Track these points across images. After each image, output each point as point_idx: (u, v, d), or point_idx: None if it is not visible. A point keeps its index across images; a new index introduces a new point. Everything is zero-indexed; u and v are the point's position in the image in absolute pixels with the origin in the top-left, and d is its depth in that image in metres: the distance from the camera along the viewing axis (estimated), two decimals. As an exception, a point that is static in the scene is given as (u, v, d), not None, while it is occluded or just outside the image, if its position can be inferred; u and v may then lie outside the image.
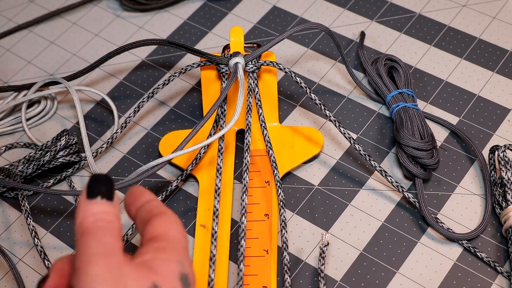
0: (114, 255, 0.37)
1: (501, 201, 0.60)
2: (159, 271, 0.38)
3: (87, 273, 0.36)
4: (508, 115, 0.66)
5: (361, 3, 0.76)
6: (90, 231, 0.37)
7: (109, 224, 0.38)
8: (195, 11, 0.77)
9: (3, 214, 0.64)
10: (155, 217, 0.41)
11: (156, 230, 0.40)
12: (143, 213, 0.41)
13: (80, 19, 0.78)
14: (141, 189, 0.42)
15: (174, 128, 0.68)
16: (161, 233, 0.40)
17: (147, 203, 0.42)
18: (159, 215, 0.41)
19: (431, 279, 0.57)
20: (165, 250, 0.39)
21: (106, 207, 0.38)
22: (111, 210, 0.39)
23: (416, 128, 0.62)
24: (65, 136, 0.64)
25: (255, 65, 0.65)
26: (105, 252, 0.37)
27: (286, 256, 0.57)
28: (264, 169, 0.63)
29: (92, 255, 0.36)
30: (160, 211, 0.41)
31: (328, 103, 0.68)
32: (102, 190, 0.39)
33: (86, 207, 0.38)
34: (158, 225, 0.40)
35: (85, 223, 0.38)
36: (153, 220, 0.41)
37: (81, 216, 0.38)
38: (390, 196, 0.62)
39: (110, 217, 0.38)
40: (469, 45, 0.72)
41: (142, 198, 0.42)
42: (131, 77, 0.72)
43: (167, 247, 0.39)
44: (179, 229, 0.41)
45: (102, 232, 0.38)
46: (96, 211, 0.38)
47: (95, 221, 0.38)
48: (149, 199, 0.42)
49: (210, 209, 0.61)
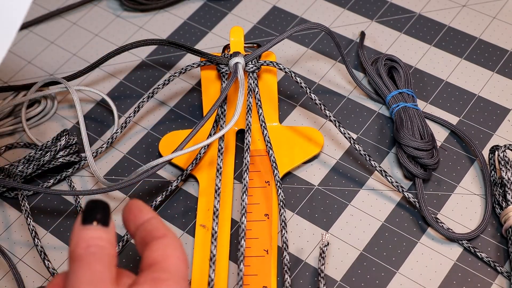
0: (103, 284, 0.36)
1: (501, 201, 0.60)
2: None
3: None
4: (508, 115, 0.66)
5: (361, 3, 0.76)
6: (81, 257, 0.37)
7: (101, 251, 0.37)
8: (195, 11, 0.77)
9: (3, 214, 0.64)
10: (156, 240, 0.40)
11: (156, 255, 0.39)
12: (143, 233, 0.40)
13: (80, 19, 0.78)
14: (140, 205, 0.41)
15: (174, 128, 0.68)
16: (161, 260, 0.39)
17: (147, 222, 0.41)
18: (160, 238, 0.40)
19: (431, 279, 0.57)
20: (162, 283, 0.38)
21: (100, 233, 0.38)
22: (105, 236, 0.38)
23: (416, 128, 0.62)
24: (65, 136, 0.64)
25: (255, 65, 0.65)
26: (93, 280, 0.36)
27: (286, 256, 0.57)
28: (264, 169, 0.63)
29: (80, 283, 0.36)
30: (161, 234, 0.40)
31: (328, 103, 0.68)
32: (98, 216, 0.38)
33: (80, 233, 0.38)
34: (158, 250, 0.39)
35: (77, 249, 0.37)
36: (153, 243, 0.40)
37: (74, 242, 0.38)
38: (390, 196, 0.62)
39: (103, 243, 0.38)
40: (469, 45, 0.72)
41: (142, 216, 0.41)
42: (131, 77, 0.72)
43: (166, 279, 0.38)
44: (180, 256, 0.40)
45: (93, 259, 0.37)
46: (89, 237, 0.38)
47: (87, 247, 0.37)
48: (149, 217, 0.41)
49: (210, 209, 0.61)
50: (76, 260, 0.37)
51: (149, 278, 0.38)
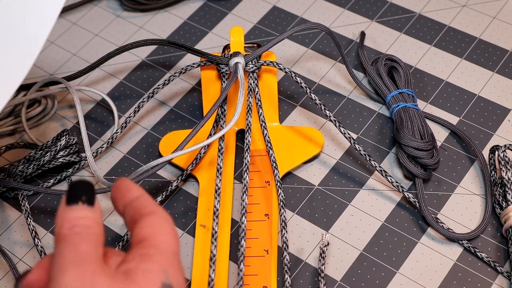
0: (88, 263, 0.36)
1: (501, 201, 0.60)
2: (139, 283, 0.37)
3: (59, 282, 0.35)
4: (508, 115, 0.66)
5: (361, 3, 0.76)
6: (66, 237, 0.37)
7: (86, 230, 0.37)
8: (195, 11, 0.77)
9: (3, 214, 0.64)
10: (144, 217, 0.39)
11: (145, 232, 0.39)
12: (132, 211, 0.40)
13: (80, 19, 0.78)
14: (127, 183, 0.41)
15: (174, 128, 0.68)
16: (149, 237, 0.39)
17: (135, 200, 0.40)
18: (148, 215, 0.39)
19: (431, 279, 0.57)
20: (150, 258, 0.38)
21: (85, 212, 0.38)
22: (90, 215, 0.38)
23: (416, 128, 0.62)
24: (65, 136, 0.64)
25: (255, 65, 0.65)
26: (78, 260, 0.36)
27: (286, 256, 0.57)
28: (264, 169, 0.63)
29: (65, 263, 0.36)
30: (149, 210, 0.40)
31: (328, 103, 0.68)
32: (82, 196, 0.38)
33: (64, 213, 0.38)
34: (147, 227, 0.39)
35: (62, 230, 0.37)
36: (142, 220, 0.39)
37: (59, 223, 0.37)
38: (390, 196, 0.62)
39: (88, 222, 0.37)
40: (469, 45, 0.72)
41: (130, 194, 0.40)
42: (131, 77, 0.72)
43: (153, 254, 0.38)
44: (169, 231, 0.39)
45: (78, 238, 0.37)
46: (73, 217, 0.37)
47: (72, 227, 0.37)
48: (138, 195, 0.40)
49: (210, 209, 0.61)
50: (61, 241, 0.37)
51: (137, 254, 0.38)
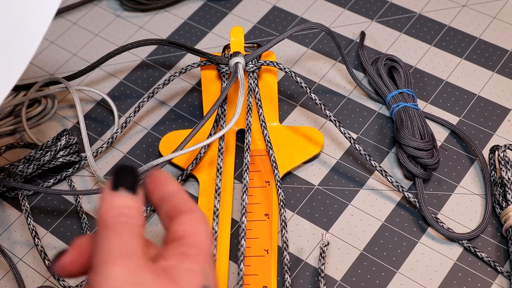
0: (135, 257, 0.35)
1: (501, 201, 0.60)
2: (180, 283, 0.36)
3: (106, 275, 0.34)
4: (508, 115, 0.66)
5: (361, 3, 0.76)
6: (112, 226, 0.36)
7: (131, 221, 0.36)
8: (195, 11, 0.77)
9: (3, 214, 0.64)
10: (183, 214, 0.38)
11: (183, 230, 0.38)
12: (169, 207, 0.39)
13: (80, 19, 0.78)
14: (165, 176, 0.40)
15: (174, 128, 0.68)
16: (188, 235, 0.38)
17: (173, 195, 0.39)
18: (187, 212, 0.39)
19: (431, 279, 0.57)
20: (191, 259, 0.37)
21: (130, 201, 0.37)
22: (134, 204, 0.37)
23: (416, 128, 0.63)
24: (65, 136, 0.64)
25: (255, 65, 0.65)
26: (125, 253, 0.35)
27: (286, 256, 0.57)
28: (264, 169, 0.63)
29: (112, 255, 0.35)
30: (189, 208, 0.39)
31: (328, 103, 0.68)
32: (127, 182, 0.37)
33: (110, 199, 0.37)
34: (186, 225, 0.38)
35: (108, 217, 0.36)
36: (180, 217, 0.38)
37: (104, 209, 0.36)
38: (390, 196, 0.62)
39: (133, 212, 0.36)
40: (469, 45, 0.72)
41: (167, 187, 0.39)
42: (131, 77, 0.72)
43: (193, 255, 0.37)
44: (207, 232, 0.39)
45: (124, 229, 0.36)
46: (119, 205, 0.36)
47: (118, 215, 0.36)
48: (175, 190, 0.39)
49: (210, 209, 0.61)
50: (107, 229, 0.36)
51: (176, 252, 0.37)
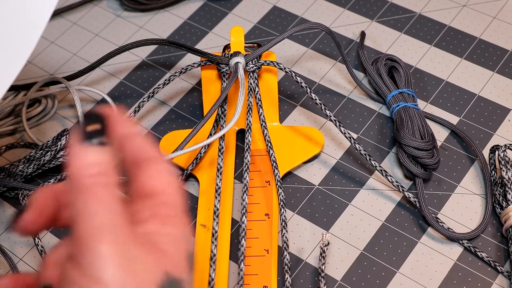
0: (122, 228, 0.32)
1: (502, 201, 0.60)
2: (167, 252, 0.33)
3: (95, 252, 0.31)
4: (508, 115, 0.66)
5: (361, 3, 0.76)
6: (91, 190, 0.32)
7: (110, 181, 0.32)
8: (195, 11, 0.78)
9: (3, 213, 0.64)
10: (147, 163, 0.34)
11: (155, 185, 0.34)
12: (128, 152, 0.34)
13: (80, 19, 0.78)
14: (121, 116, 0.35)
15: (175, 128, 0.68)
16: (160, 192, 0.34)
17: (132, 138, 0.35)
18: (152, 161, 0.34)
19: (432, 279, 0.57)
20: (170, 221, 0.34)
21: (104, 156, 0.32)
22: (108, 160, 0.33)
23: (417, 128, 0.63)
24: (66, 136, 0.64)
25: (256, 65, 0.65)
26: (112, 224, 0.31)
27: (287, 255, 0.57)
28: (265, 169, 0.63)
29: (99, 228, 0.31)
30: (154, 156, 0.34)
31: (328, 103, 0.68)
32: (98, 132, 0.33)
33: (82, 154, 0.32)
34: (155, 178, 0.34)
35: (83, 177, 0.32)
36: (144, 167, 0.34)
37: (77, 167, 0.32)
38: (390, 196, 0.62)
39: (109, 169, 0.32)
40: (469, 45, 0.72)
41: (123, 128, 0.34)
42: (132, 77, 0.72)
43: (171, 216, 0.34)
44: (177, 187, 0.34)
45: (105, 193, 0.32)
46: (93, 162, 0.32)
47: (94, 175, 0.32)
48: (133, 132, 0.35)
49: (210, 209, 0.61)
50: (85, 193, 0.32)
51: (153, 214, 0.34)
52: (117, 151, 0.34)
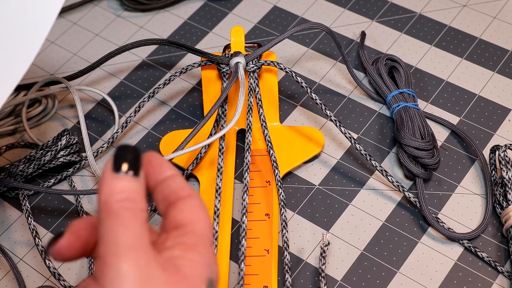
0: (144, 249, 0.33)
1: (502, 201, 0.60)
2: (187, 276, 0.34)
3: (116, 269, 0.32)
4: (508, 115, 0.66)
5: (361, 3, 0.76)
6: (118, 213, 0.33)
7: (136, 206, 0.34)
8: (195, 11, 0.78)
9: (3, 213, 0.64)
10: (182, 200, 0.36)
11: (184, 217, 0.36)
12: (166, 191, 0.37)
13: (80, 19, 0.78)
14: (161, 159, 0.37)
15: (175, 128, 0.68)
16: (189, 223, 0.36)
17: (170, 179, 0.37)
18: (186, 198, 0.36)
19: (432, 279, 0.57)
20: (195, 249, 0.35)
21: (134, 185, 0.34)
22: (138, 188, 0.34)
23: (417, 128, 0.63)
24: (66, 136, 0.64)
25: (256, 65, 0.65)
26: (134, 244, 0.33)
27: (287, 255, 0.57)
28: (265, 169, 0.63)
29: (121, 247, 0.33)
30: (187, 193, 0.37)
31: (328, 103, 0.68)
32: (130, 163, 0.35)
33: (112, 182, 0.34)
34: (185, 212, 0.36)
35: (112, 202, 0.34)
36: (179, 203, 0.36)
37: (107, 192, 0.34)
38: (390, 196, 0.62)
39: (138, 196, 0.34)
40: (469, 45, 0.72)
41: (164, 171, 0.37)
42: (132, 76, 0.72)
43: (197, 244, 0.35)
44: (208, 220, 0.37)
45: (131, 216, 0.33)
46: (122, 189, 0.34)
47: (122, 200, 0.34)
48: (172, 173, 0.37)
49: (210, 209, 0.61)
50: (112, 215, 0.33)
51: (179, 241, 0.35)
52: (153, 191, 0.37)
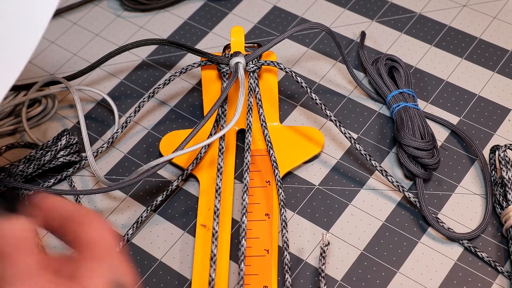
0: (40, 275, 0.36)
1: (502, 201, 0.60)
2: (81, 283, 0.36)
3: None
4: (508, 115, 0.66)
5: (361, 3, 0.76)
6: (9, 257, 0.37)
7: (27, 245, 0.37)
8: (195, 11, 0.78)
9: (3, 213, 0.64)
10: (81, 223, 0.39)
11: (88, 237, 0.38)
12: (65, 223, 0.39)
13: (80, 19, 0.78)
14: (55, 198, 0.40)
15: (175, 128, 0.68)
16: (92, 241, 0.38)
17: (61, 209, 0.40)
18: (87, 224, 0.39)
19: (432, 279, 0.57)
20: (93, 258, 0.37)
21: (21, 225, 0.38)
22: (24, 227, 0.38)
23: (417, 128, 0.63)
24: (66, 136, 0.64)
25: (256, 65, 0.65)
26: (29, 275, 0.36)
27: (287, 255, 0.57)
28: (265, 169, 0.63)
29: (14, 279, 0.36)
30: (88, 221, 0.39)
31: (328, 103, 0.68)
32: (11, 206, 0.38)
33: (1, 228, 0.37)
34: (92, 232, 0.38)
35: (2, 247, 0.37)
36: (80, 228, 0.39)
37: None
38: (390, 196, 0.62)
39: (27, 235, 0.38)
40: (469, 45, 0.72)
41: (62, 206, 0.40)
42: (132, 76, 0.72)
43: (95, 253, 0.38)
44: (110, 232, 0.39)
45: (23, 257, 0.37)
46: (10, 233, 0.37)
47: (12, 244, 0.37)
48: (65, 204, 0.40)
49: (210, 209, 0.61)
50: (3, 259, 0.37)
51: (79, 258, 0.38)
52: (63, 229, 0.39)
